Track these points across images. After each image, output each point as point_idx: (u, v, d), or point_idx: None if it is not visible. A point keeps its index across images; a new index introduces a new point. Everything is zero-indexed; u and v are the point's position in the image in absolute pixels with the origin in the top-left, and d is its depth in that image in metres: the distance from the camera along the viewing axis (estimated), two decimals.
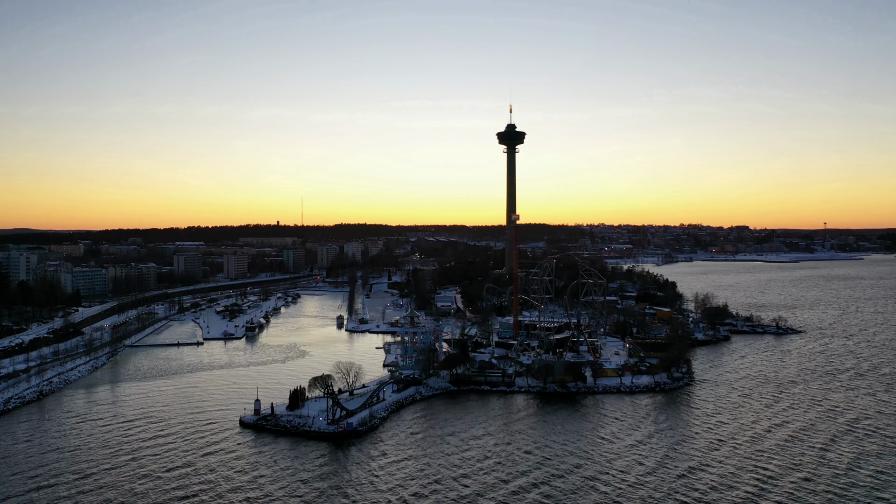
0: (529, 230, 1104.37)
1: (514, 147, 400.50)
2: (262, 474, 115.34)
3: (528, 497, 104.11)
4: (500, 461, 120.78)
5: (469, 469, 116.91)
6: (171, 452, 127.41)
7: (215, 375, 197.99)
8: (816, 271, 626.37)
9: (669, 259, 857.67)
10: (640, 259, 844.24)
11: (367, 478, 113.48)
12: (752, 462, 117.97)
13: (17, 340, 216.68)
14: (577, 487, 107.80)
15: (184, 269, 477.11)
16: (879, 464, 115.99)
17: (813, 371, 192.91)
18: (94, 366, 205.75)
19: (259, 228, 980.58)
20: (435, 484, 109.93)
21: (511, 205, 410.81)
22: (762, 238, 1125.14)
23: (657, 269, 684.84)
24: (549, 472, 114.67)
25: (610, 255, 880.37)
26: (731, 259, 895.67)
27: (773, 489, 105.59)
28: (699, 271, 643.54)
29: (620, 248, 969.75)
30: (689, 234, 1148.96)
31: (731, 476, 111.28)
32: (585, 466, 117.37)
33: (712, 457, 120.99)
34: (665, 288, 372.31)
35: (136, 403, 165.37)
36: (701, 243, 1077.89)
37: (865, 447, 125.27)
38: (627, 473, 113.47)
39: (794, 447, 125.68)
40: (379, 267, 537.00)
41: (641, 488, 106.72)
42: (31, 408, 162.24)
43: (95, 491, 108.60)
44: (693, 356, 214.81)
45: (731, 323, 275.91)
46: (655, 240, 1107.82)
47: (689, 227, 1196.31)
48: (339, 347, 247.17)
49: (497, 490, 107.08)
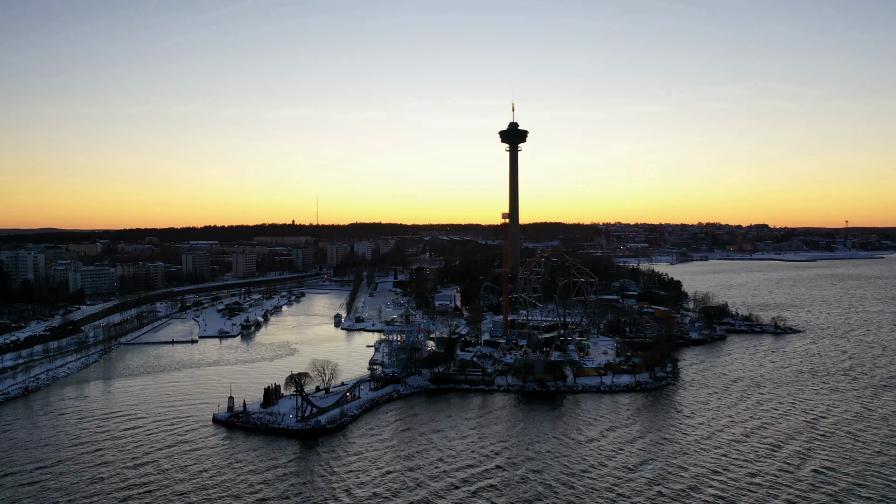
0: (544, 229, 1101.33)
1: (517, 145, 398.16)
2: (218, 469, 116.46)
3: (480, 497, 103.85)
4: (460, 460, 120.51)
5: (428, 468, 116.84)
6: (136, 447, 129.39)
7: (202, 373, 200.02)
8: (831, 270, 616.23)
9: (684, 258, 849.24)
10: (654, 258, 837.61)
11: (323, 474, 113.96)
12: (713, 464, 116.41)
13: (12, 338, 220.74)
14: (530, 488, 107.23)
15: (192, 268, 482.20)
16: (827, 464, 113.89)
17: (797, 371, 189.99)
18: (84, 363, 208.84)
19: (274, 228, 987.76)
20: (391, 483, 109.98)
21: (514, 203, 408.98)
22: (781, 237, 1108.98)
23: (670, 268, 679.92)
24: (504, 474, 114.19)
25: (624, 254, 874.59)
26: (748, 258, 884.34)
27: (727, 489, 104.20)
28: (711, 270, 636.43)
29: (636, 247, 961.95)
30: (706, 232, 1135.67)
31: (694, 478, 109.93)
32: (549, 468, 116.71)
33: (675, 458, 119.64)
34: (668, 287, 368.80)
35: (117, 399, 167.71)
36: (718, 242, 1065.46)
37: (816, 446, 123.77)
38: (587, 474, 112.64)
39: (751, 447, 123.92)
40: (386, 266, 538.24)
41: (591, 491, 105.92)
42: (15, 403, 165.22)
43: (49, 481, 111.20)
44: (683, 356, 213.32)
45: (730, 322, 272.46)
46: (672, 238, 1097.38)
47: (706, 226, 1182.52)
48: (330, 346, 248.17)
49: (452, 492, 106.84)
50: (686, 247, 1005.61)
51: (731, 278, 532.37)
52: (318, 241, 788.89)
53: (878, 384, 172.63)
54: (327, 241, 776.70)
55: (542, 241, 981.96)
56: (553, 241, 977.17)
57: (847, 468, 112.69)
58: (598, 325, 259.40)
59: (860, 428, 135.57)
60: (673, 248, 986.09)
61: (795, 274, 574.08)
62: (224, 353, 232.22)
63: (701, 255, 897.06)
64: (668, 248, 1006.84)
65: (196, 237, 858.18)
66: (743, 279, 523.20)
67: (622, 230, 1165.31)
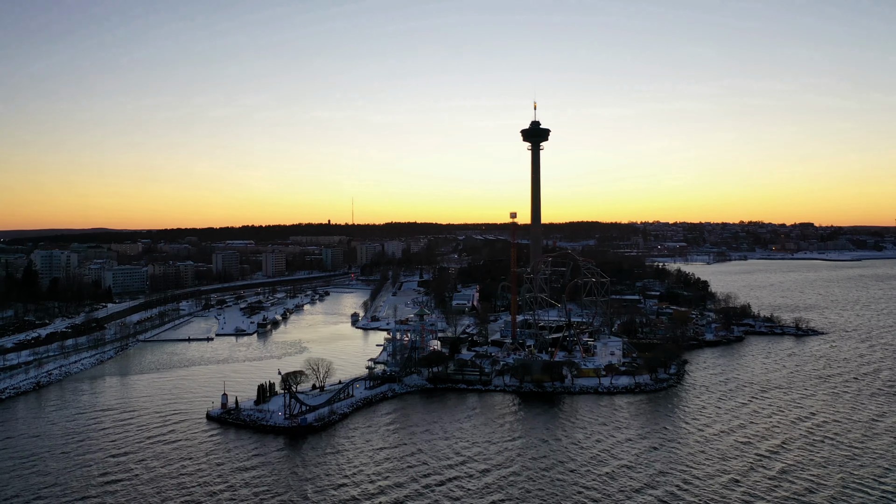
0: (580, 228, 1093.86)
1: (539, 144, 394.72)
2: (195, 461, 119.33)
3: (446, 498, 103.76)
4: (437, 460, 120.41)
5: (403, 467, 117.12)
6: (125, 439, 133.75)
7: (209, 370, 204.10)
8: (874, 270, 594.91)
9: (722, 257, 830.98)
10: (690, 258, 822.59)
11: (297, 470, 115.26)
12: (685, 469, 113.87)
13: (34, 334, 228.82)
14: (491, 491, 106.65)
15: (222, 267, 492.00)
16: (814, 472, 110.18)
17: (806, 375, 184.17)
18: (99, 359, 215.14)
19: (310, 227, 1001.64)
20: (364, 480, 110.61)
21: (536, 202, 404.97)
22: (827, 236, 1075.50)
23: (705, 267, 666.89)
24: (468, 475, 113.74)
25: (661, 254, 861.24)
26: (789, 258, 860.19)
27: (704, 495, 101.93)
28: (746, 270, 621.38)
29: (673, 247, 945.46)
30: (747, 231, 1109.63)
31: (666, 482, 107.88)
32: (522, 468, 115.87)
33: (652, 462, 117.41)
34: (693, 287, 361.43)
35: (121, 394, 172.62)
36: (760, 241, 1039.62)
37: (806, 454, 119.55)
38: (561, 475, 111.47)
39: (742, 453, 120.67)
40: (413, 265, 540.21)
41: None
42: (27, 397, 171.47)
43: (32, 470, 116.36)
44: (694, 357, 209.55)
45: (749, 324, 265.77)
46: (711, 238, 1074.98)
47: (748, 225, 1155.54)
48: (341, 344, 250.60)
49: (419, 492, 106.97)
50: (726, 246, 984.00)
51: (765, 278, 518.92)
52: (351, 240, 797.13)
53: (888, 390, 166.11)
54: (360, 240, 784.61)
55: (578, 240, 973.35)
56: (589, 241, 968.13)
57: (824, 476, 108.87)
58: (612, 326, 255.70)
59: (846, 434, 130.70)
60: (712, 248, 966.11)
61: (834, 274, 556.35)
62: (235, 351, 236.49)
63: (740, 255, 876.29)
64: (708, 247, 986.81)
65: (234, 237, 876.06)
66: (777, 279, 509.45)
67: (660, 229, 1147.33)
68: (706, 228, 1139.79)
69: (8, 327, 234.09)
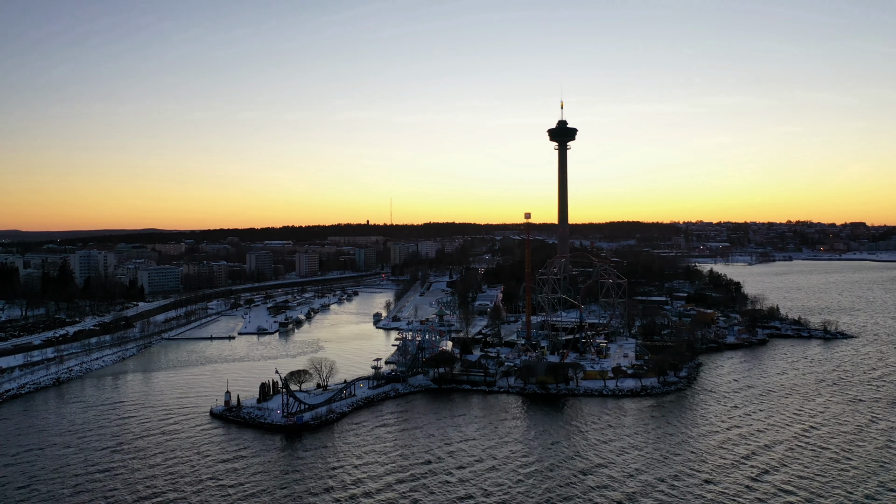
0: (620, 228, 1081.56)
1: (566, 144, 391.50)
2: (185, 456, 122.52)
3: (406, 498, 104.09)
4: (418, 458, 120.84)
5: (386, 464, 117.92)
6: (123, 432, 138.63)
7: (223, 367, 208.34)
8: None
9: (765, 258, 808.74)
10: (731, 258, 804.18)
11: (276, 466, 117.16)
12: (666, 473, 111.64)
13: (62, 332, 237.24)
14: (462, 488, 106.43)
15: (255, 267, 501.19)
16: (789, 479, 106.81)
17: (819, 379, 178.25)
18: (121, 356, 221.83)
19: (349, 228, 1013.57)
20: (342, 476, 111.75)
21: (563, 203, 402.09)
22: (879, 236, 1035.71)
23: (746, 268, 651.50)
24: (444, 477, 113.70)
25: (702, 254, 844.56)
26: (837, 258, 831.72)
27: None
28: (787, 271, 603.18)
29: (716, 247, 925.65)
30: (794, 231, 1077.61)
31: (640, 485, 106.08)
32: (492, 469, 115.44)
33: (628, 463, 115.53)
34: (723, 288, 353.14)
35: (133, 390, 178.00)
36: (808, 241, 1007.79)
37: (787, 460, 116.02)
38: (533, 477, 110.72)
39: (735, 464, 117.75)
40: (444, 265, 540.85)
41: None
42: (46, 392, 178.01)
43: (28, 462, 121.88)
44: (712, 360, 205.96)
45: (776, 326, 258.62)
46: (757, 238, 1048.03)
47: (795, 224, 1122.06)
48: (358, 343, 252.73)
49: (387, 491, 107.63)
50: (771, 246, 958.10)
51: (805, 279, 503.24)
52: (387, 240, 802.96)
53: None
54: (396, 240, 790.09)
55: (618, 240, 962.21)
56: (629, 241, 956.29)
57: (811, 484, 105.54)
58: (631, 328, 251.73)
59: (844, 442, 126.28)
60: (757, 248, 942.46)
61: (880, 275, 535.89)
62: (253, 350, 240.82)
63: (784, 256, 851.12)
64: (752, 247, 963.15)
65: (274, 237, 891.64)
66: (816, 280, 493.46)
67: (703, 229, 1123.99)
68: (751, 228, 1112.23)
69: (38, 325, 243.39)
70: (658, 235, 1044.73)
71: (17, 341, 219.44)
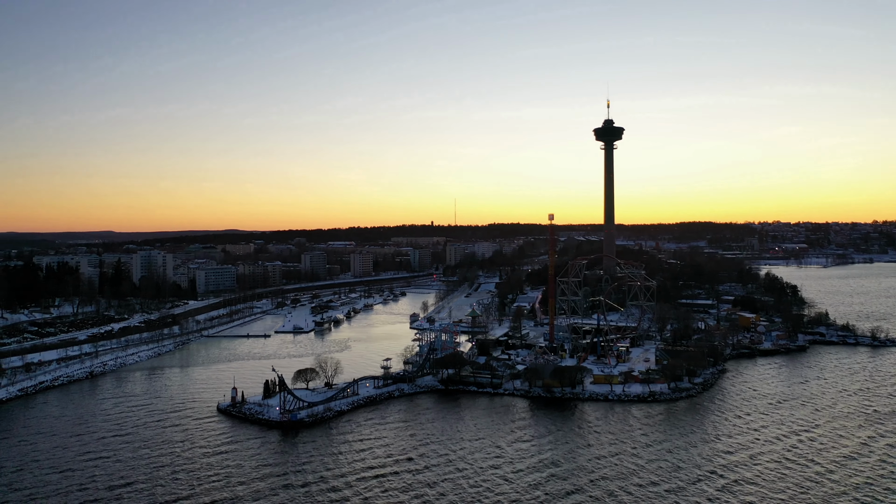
0: (691, 228, 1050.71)
1: (612, 143, 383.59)
2: (171, 446, 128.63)
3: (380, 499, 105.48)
4: (393, 457, 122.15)
5: (361, 458, 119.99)
6: (127, 422, 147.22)
7: (249, 365, 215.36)
8: None
9: (842, 260, 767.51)
10: (805, 260, 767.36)
11: (258, 459, 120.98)
12: (632, 480, 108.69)
13: (107, 328, 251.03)
14: (436, 488, 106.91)
15: (309, 267, 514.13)
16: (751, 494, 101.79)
17: (842, 389, 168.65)
18: (157, 352, 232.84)
19: (414, 228, 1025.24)
20: (318, 474, 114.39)
21: (609, 203, 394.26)
22: None
23: (819, 271, 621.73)
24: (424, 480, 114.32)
25: (775, 256, 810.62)
26: None
27: None
28: (861, 274, 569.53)
29: (791, 248, 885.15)
30: (880, 231, 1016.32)
31: (606, 494, 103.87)
32: (465, 469, 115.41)
33: (601, 468, 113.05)
34: (774, 292, 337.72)
35: (155, 384, 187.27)
36: (894, 242, 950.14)
37: (776, 475, 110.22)
38: (494, 482, 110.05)
39: (703, 476, 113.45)
40: (497, 266, 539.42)
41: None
42: (81, 384, 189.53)
43: (31, 440, 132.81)
44: (742, 366, 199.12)
45: (820, 332, 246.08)
46: (838, 239, 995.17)
47: (882, 225, 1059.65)
48: (384, 343, 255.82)
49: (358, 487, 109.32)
50: (853, 248, 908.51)
51: (877, 283, 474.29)
52: (447, 241, 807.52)
53: None
54: (457, 241, 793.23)
55: (688, 241, 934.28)
56: (699, 242, 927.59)
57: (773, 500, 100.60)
58: (663, 331, 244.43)
59: (836, 457, 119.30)
60: (837, 250, 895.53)
61: None
62: (283, 348, 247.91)
63: (865, 258, 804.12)
64: (832, 248, 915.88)
65: (340, 238, 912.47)
66: (891, 284, 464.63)
67: (779, 230, 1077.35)
68: (832, 229, 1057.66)
69: (87, 321, 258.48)
70: (731, 236, 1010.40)
71: (64, 336, 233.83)
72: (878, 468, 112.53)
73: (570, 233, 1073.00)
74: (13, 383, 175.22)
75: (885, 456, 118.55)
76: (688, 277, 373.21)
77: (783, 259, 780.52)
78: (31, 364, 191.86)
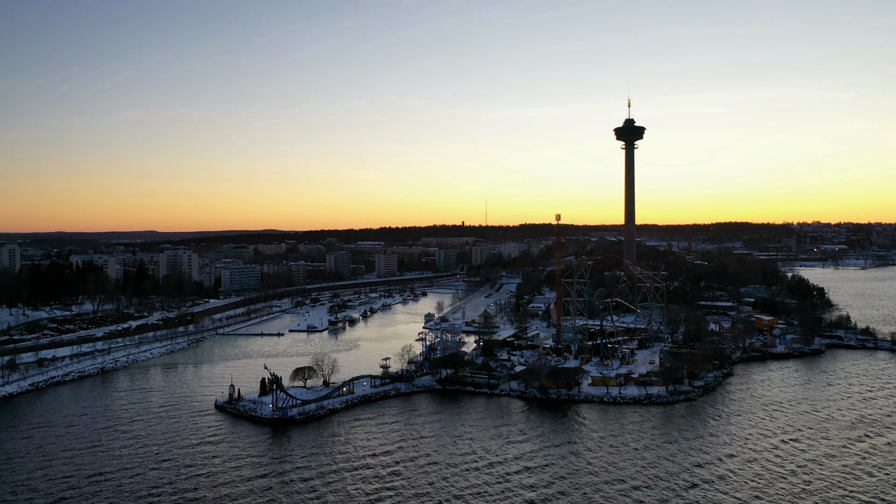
0: (727, 229, 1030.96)
1: (633, 143, 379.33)
2: (159, 437, 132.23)
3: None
4: (376, 458, 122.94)
5: (332, 453, 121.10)
6: (123, 415, 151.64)
7: (255, 362, 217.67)
8: None
9: (882, 262, 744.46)
10: (844, 262, 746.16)
11: (242, 455, 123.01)
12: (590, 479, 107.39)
13: (124, 325, 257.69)
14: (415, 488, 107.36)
15: (333, 267, 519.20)
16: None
17: (842, 393, 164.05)
18: (170, 349, 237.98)
19: (445, 229, 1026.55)
20: (292, 469, 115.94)
21: (630, 203, 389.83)
22: None
23: (856, 272, 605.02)
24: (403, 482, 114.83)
25: (812, 257, 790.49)
26: None
27: None
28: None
29: (830, 249, 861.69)
30: None
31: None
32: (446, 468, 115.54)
33: (560, 477, 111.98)
34: (798, 294, 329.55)
35: (160, 380, 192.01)
36: None
37: (750, 480, 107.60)
38: (470, 482, 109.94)
39: (673, 473, 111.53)
40: (521, 266, 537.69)
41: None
42: (93, 379, 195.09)
43: (27, 431, 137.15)
44: (751, 370, 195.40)
45: (838, 336, 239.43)
46: (880, 240, 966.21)
47: None
48: (392, 343, 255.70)
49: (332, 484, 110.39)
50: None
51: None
52: (476, 241, 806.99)
53: None
54: (486, 241, 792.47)
55: (724, 241, 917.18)
56: (735, 243, 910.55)
57: None
58: (674, 333, 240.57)
59: (808, 462, 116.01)
60: (879, 251, 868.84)
61: None
62: (294, 346, 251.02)
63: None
64: (874, 250, 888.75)
65: (371, 238, 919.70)
66: None
67: (819, 230, 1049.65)
68: (875, 229, 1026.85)
69: (107, 318, 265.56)
70: (768, 237, 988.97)
71: (83, 333, 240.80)
72: (859, 476, 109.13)
73: (602, 233, 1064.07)
74: (24, 378, 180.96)
75: (868, 466, 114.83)
76: (711, 279, 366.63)
77: (820, 260, 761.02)
78: (43, 360, 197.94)
